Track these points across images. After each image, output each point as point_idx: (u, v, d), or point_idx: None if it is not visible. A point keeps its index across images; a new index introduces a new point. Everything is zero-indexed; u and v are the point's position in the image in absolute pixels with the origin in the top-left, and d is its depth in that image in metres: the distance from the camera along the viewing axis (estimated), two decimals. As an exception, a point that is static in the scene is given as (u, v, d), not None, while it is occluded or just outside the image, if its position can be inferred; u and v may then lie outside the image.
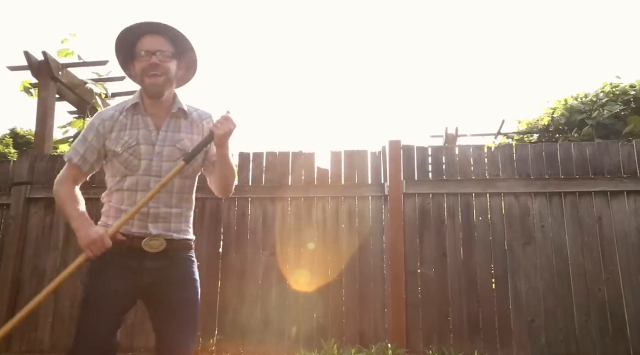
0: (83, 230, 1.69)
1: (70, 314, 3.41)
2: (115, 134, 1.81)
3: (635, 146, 3.27)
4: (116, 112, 1.85)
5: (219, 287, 3.38)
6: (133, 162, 1.78)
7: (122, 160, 1.79)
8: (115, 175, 1.80)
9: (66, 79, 3.93)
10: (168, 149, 1.81)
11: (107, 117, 1.84)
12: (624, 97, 6.07)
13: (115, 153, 1.79)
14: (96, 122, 1.85)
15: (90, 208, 3.64)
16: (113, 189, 1.80)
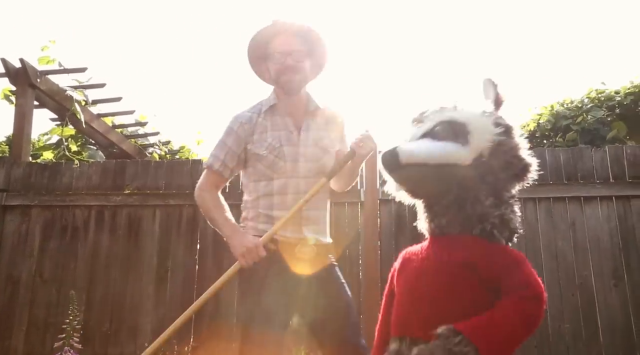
0: (236, 238, 1.69)
1: (45, 322, 3.43)
2: (257, 137, 1.79)
3: (608, 152, 3.33)
4: (253, 114, 1.83)
5: (195, 294, 3.41)
6: (279, 164, 1.76)
7: (267, 164, 1.76)
8: (261, 179, 1.78)
9: (45, 86, 3.97)
10: (311, 149, 1.80)
11: (246, 120, 1.82)
12: (609, 103, 6.15)
13: (259, 156, 1.77)
14: (235, 126, 1.81)
15: (67, 215, 3.62)
16: (260, 194, 1.76)
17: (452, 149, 1.10)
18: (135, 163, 3.73)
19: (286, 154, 1.77)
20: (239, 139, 1.80)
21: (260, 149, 1.77)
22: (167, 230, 3.52)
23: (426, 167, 1.08)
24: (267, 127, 1.80)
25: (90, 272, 3.48)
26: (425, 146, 1.10)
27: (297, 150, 1.79)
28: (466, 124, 1.12)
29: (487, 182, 1.12)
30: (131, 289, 3.44)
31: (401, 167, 1.08)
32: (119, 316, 3.41)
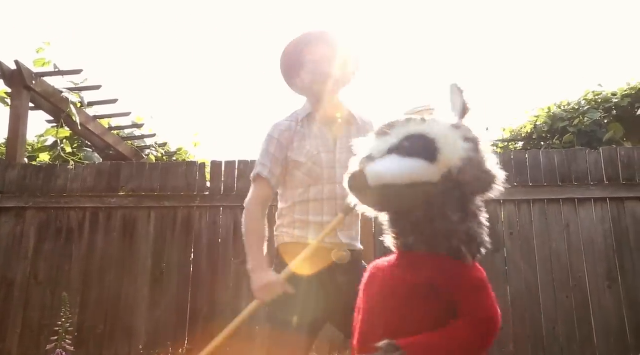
0: (258, 273, 1.68)
1: (39, 325, 3.43)
2: (296, 144, 1.81)
3: (602, 154, 3.34)
4: (292, 122, 1.86)
5: (190, 296, 3.41)
6: (316, 171, 1.78)
7: (305, 171, 1.79)
8: (298, 187, 1.80)
9: (40, 88, 3.98)
10: (345, 155, 1.78)
11: (285, 128, 1.84)
12: (606, 105, 6.16)
13: (298, 164, 1.80)
14: (275, 134, 1.84)
15: (62, 217, 3.63)
16: (297, 201, 1.78)
17: (421, 166, 1.07)
18: (130, 165, 3.74)
19: (324, 161, 1.80)
20: (282, 147, 1.82)
21: (300, 157, 1.80)
22: (162, 232, 3.53)
23: (395, 187, 1.06)
24: (305, 135, 1.84)
25: (85, 274, 3.48)
26: (393, 166, 1.07)
27: (333, 157, 1.82)
28: (435, 140, 1.09)
29: (454, 198, 1.10)
30: (126, 290, 3.45)
31: (370, 189, 1.06)
32: (114, 318, 3.41)
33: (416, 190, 1.07)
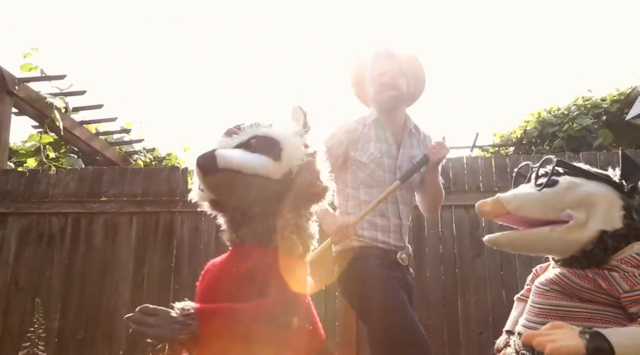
0: (328, 219, 1.80)
1: (19, 331, 3.43)
2: (361, 145, 1.93)
3: (582, 158, 3.37)
4: (359, 124, 1.98)
5: (171, 301, 3.41)
6: (378, 174, 1.89)
7: (368, 172, 1.90)
8: (360, 187, 1.91)
9: (24, 93, 4.01)
10: (406, 164, 1.93)
11: (351, 128, 1.96)
12: (595, 110, 6.21)
13: (361, 164, 1.90)
14: (338, 132, 1.96)
15: (43, 222, 3.63)
16: (362, 201, 1.89)
17: (265, 161, 1.17)
18: (112, 170, 3.77)
19: (385, 165, 1.90)
20: (340, 144, 1.93)
21: (363, 157, 1.90)
22: (143, 237, 3.54)
23: (240, 175, 1.14)
24: (370, 138, 1.94)
25: (66, 279, 3.50)
26: (241, 154, 1.16)
27: (395, 163, 1.92)
28: (279, 141, 1.19)
29: (290, 198, 1.19)
30: (107, 296, 3.46)
31: (217, 171, 1.12)
32: (95, 323, 3.42)
33: (258, 182, 1.16)
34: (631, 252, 1.11)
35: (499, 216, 1.20)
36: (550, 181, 1.18)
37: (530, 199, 1.18)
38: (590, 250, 1.13)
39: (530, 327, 1.19)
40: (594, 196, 1.15)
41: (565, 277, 1.16)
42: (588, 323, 1.10)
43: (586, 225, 1.13)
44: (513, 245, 1.23)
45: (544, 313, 1.17)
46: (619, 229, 1.12)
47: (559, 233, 1.14)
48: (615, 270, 1.10)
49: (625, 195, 1.16)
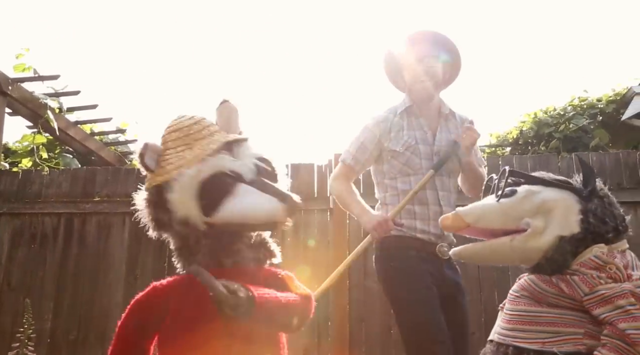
0: (365, 215, 1.85)
1: (11, 331, 3.43)
2: (394, 135, 1.93)
3: (574, 159, 3.37)
4: (389, 114, 1.98)
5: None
6: (414, 161, 1.89)
7: (403, 160, 1.90)
8: (397, 176, 1.91)
9: (17, 94, 4.01)
10: (443, 149, 1.93)
11: (382, 119, 1.97)
12: (591, 111, 6.21)
13: (396, 153, 1.91)
14: (370, 125, 1.97)
15: (36, 222, 3.63)
16: (400, 191, 1.89)
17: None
18: (105, 170, 3.77)
19: (421, 152, 1.90)
20: (373, 136, 1.94)
21: (397, 146, 1.90)
22: (136, 237, 3.55)
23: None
24: (403, 126, 1.94)
25: (58, 279, 3.50)
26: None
27: (431, 149, 1.92)
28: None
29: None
30: (100, 296, 3.46)
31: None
32: (87, 324, 3.42)
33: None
34: (590, 255, 1.13)
35: (460, 230, 1.21)
36: (508, 191, 1.19)
37: (488, 211, 1.20)
38: (551, 256, 1.15)
39: (502, 334, 1.22)
40: (551, 203, 1.17)
41: (534, 283, 1.18)
42: (554, 327, 1.12)
43: (544, 232, 1.15)
44: (477, 257, 1.26)
45: (514, 319, 1.20)
46: (576, 233, 1.14)
47: (519, 242, 1.16)
48: (576, 274, 1.12)
49: (584, 200, 1.17)
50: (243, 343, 1.14)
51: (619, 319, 1.04)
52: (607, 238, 1.16)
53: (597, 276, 1.10)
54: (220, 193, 1.14)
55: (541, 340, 1.12)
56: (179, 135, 1.21)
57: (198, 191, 1.13)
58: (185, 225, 1.16)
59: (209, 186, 1.14)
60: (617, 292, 1.07)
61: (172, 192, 1.14)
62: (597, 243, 1.14)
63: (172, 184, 1.14)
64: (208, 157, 1.16)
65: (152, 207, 1.19)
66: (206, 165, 1.15)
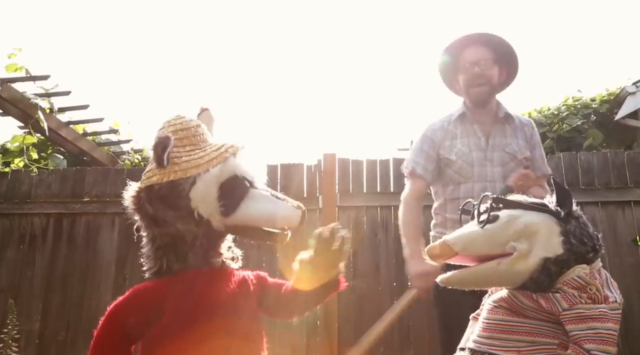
0: (415, 261, 1.79)
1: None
2: (448, 143, 1.94)
3: (563, 158, 3.39)
4: (444, 122, 1.99)
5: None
6: (466, 169, 1.89)
7: (456, 168, 1.90)
8: (448, 184, 1.91)
9: (7, 94, 4.00)
10: (498, 154, 1.92)
11: (438, 127, 1.98)
12: (585, 111, 6.21)
13: (449, 161, 1.92)
14: (429, 133, 1.99)
15: (25, 223, 3.61)
16: (448, 199, 1.88)
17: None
18: (95, 170, 3.77)
19: (474, 158, 1.90)
20: (434, 145, 1.95)
21: (451, 155, 1.92)
22: (126, 237, 3.55)
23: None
24: (457, 134, 1.95)
25: (47, 280, 3.50)
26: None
27: (484, 155, 1.91)
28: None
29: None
30: (89, 297, 3.47)
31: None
32: (76, 324, 3.43)
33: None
34: (573, 275, 1.15)
35: (448, 258, 1.23)
36: (491, 217, 1.21)
37: (474, 237, 1.22)
38: (536, 277, 1.17)
39: (479, 342, 1.24)
40: (534, 226, 1.19)
41: (514, 296, 1.21)
42: (530, 337, 1.15)
43: (529, 254, 1.17)
44: (464, 283, 1.28)
45: (491, 327, 1.23)
46: (560, 254, 1.17)
47: (506, 265, 1.18)
48: (558, 292, 1.15)
49: (562, 221, 1.20)
50: (242, 341, 1.15)
51: (588, 339, 1.07)
52: (587, 258, 1.19)
53: (578, 295, 1.13)
54: (240, 195, 1.17)
55: (517, 349, 1.15)
56: (186, 135, 1.21)
57: (219, 190, 1.15)
58: (196, 224, 1.15)
59: (229, 186, 1.16)
60: (594, 313, 1.10)
61: (194, 189, 1.14)
62: (579, 263, 1.17)
63: (195, 181, 1.15)
64: (227, 158, 1.18)
65: (157, 202, 1.17)
66: (226, 167, 1.17)
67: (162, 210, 1.16)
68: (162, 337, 1.12)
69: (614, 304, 1.13)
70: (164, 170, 1.16)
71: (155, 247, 1.21)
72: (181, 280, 1.16)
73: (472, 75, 1.90)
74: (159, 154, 1.15)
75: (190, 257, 1.18)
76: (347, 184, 3.53)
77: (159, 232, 1.19)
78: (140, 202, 1.20)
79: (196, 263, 1.18)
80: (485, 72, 1.89)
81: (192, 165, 1.16)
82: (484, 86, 1.90)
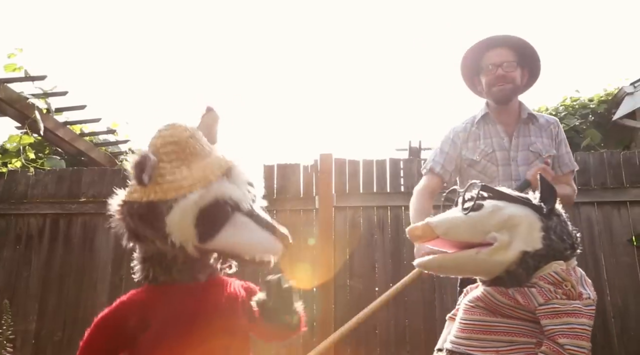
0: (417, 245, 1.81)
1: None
2: (471, 144, 1.98)
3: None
4: (467, 124, 2.03)
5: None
6: (491, 169, 1.93)
7: (480, 168, 1.94)
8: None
9: (4, 94, 4.01)
10: (522, 153, 1.95)
11: (460, 129, 2.02)
12: (583, 111, 6.22)
13: (473, 161, 1.95)
14: (451, 135, 2.02)
15: (21, 223, 3.61)
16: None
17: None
18: (91, 171, 3.78)
19: (498, 158, 1.93)
20: (455, 146, 1.99)
21: (474, 155, 1.95)
22: (122, 238, 3.53)
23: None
24: (479, 135, 1.98)
25: (44, 280, 3.51)
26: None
27: (508, 154, 1.94)
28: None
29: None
30: (85, 297, 3.47)
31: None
32: (72, 325, 3.43)
33: None
34: (549, 271, 1.17)
35: (429, 240, 1.23)
36: (475, 205, 1.22)
37: (457, 223, 1.23)
38: (513, 270, 1.18)
39: (456, 343, 1.25)
40: (516, 218, 1.20)
41: (490, 295, 1.22)
42: (508, 337, 1.17)
43: (509, 246, 1.18)
44: (442, 268, 1.30)
45: (469, 328, 1.24)
46: (539, 249, 1.18)
47: (485, 255, 1.19)
48: (534, 287, 1.17)
49: (544, 217, 1.22)
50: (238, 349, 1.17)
51: (562, 334, 1.09)
52: (565, 255, 1.20)
53: (554, 291, 1.14)
54: (219, 222, 1.12)
55: (495, 349, 1.16)
56: (174, 149, 1.16)
57: (197, 217, 1.10)
58: (171, 246, 1.13)
59: (208, 213, 1.11)
60: (569, 309, 1.12)
61: (171, 215, 1.10)
62: (557, 259, 1.19)
63: (172, 206, 1.10)
64: (211, 182, 1.13)
65: (136, 219, 1.14)
66: (208, 191, 1.12)
67: (142, 227, 1.14)
68: (148, 350, 1.11)
69: (587, 300, 1.15)
70: (145, 188, 1.13)
71: (141, 257, 1.22)
72: (168, 294, 1.16)
73: (495, 77, 1.92)
74: (136, 174, 1.11)
75: (175, 273, 1.17)
76: (344, 184, 3.53)
77: (138, 244, 1.20)
78: (123, 215, 1.18)
79: (181, 278, 1.17)
80: (508, 74, 1.92)
81: (173, 187, 1.12)
82: (506, 85, 1.93)
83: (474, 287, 1.33)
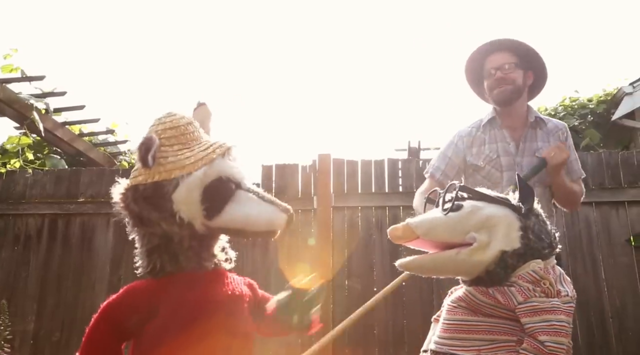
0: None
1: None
2: (476, 149, 1.97)
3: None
4: (473, 129, 2.02)
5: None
6: (495, 175, 1.92)
7: (484, 174, 1.93)
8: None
9: (2, 95, 4.01)
10: (527, 159, 1.94)
11: (465, 134, 2.02)
12: (582, 111, 6.22)
13: (477, 167, 1.94)
14: (455, 140, 2.02)
15: (20, 223, 3.62)
16: None
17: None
18: (89, 171, 3.78)
19: (503, 164, 1.93)
20: (458, 151, 1.98)
21: (479, 161, 1.94)
22: (120, 238, 3.55)
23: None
24: (485, 140, 1.98)
25: (42, 281, 3.51)
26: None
27: (513, 160, 1.93)
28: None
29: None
30: (83, 297, 3.48)
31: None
32: (71, 325, 3.44)
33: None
34: (528, 269, 1.19)
35: (409, 241, 1.24)
36: (455, 206, 1.24)
37: (437, 224, 1.24)
38: (492, 270, 1.20)
39: (440, 343, 1.26)
40: (495, 218, 1.22)
41: (471, 294, 1.23)
42: (489, 335, 1.19)
43: (488, 246, 1.20)
44: (423, 269, 1.31)
45: (451, 328, 1.25)
46: (517, 248, 1.20)
47: (464, 255, 1.20)
48: (513, 286, 1.18)
49: (522, 217, 1.23)
50: (242, 341, 1.16)
51: (542, 331, 1.10)
52: (543, 254, 1.22)
53: (532, 289, 1.16)
54: (224, 198, 1.15)
55: (477, 348, 1.18)
56: (174, 134, 1.20)
57: (202, 194, 1.13)
58: (179, 226, 1.14)
59: (213, 190, 1.14)
60: (547, 306, 1.13)
61: (177, 192, 1.13)
62: (535, 258, 1.20)
63: (178, 183, 1.13)
64: (213, 160, 1.16)
65: (141, 202, 1.16)
66: (211, 169, 1.15)
67: (147, 210, 1.15)
68: (156, 338, 1.11)
69: (566, 297, 1.16)
70: (149, 170, 1.15)
71: (146, 248, 1.21)
72: (176, 282, 1.16)
73: (495, 80, 1.93)
74: (142, 155, 1.13)
75: (182, 260, 1.18)
76: (342, 184, 3.54)
77: (146, 232, 1.19)
78: (127, 201, 1.19)
79: (189, 265, 1.18)
80: (507, 76, 1.93)
81: (177, 167, 1.15)
82: (506, 86, 1.93)
83: (458, 288, 1.34)
